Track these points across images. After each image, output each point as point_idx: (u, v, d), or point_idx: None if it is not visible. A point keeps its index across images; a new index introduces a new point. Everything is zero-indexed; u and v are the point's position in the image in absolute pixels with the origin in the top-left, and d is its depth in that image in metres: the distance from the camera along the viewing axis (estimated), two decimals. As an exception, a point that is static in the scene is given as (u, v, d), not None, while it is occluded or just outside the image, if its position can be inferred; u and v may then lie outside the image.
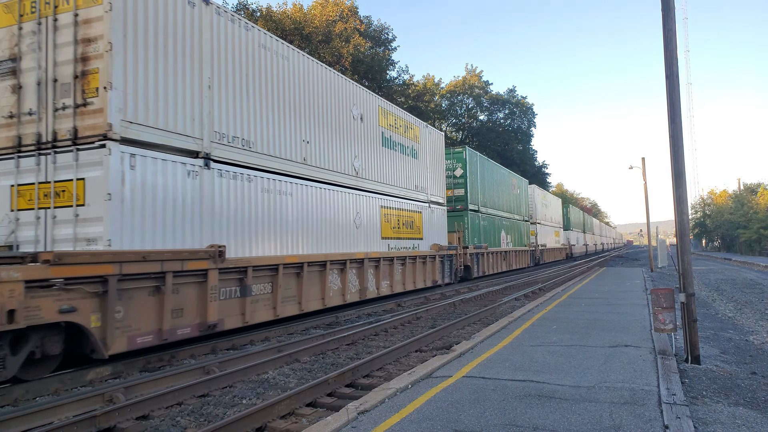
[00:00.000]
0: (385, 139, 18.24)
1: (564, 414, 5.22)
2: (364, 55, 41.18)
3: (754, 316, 13.77)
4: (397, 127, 19.24)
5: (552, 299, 15.56)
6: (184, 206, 9.88)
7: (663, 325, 8.11)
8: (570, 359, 7.56)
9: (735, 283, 24.03)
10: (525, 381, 6.44)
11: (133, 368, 8.39)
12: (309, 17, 40.44)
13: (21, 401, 6.75)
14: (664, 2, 8.24)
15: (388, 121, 18.53)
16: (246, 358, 8.75)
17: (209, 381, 7.19)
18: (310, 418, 6.00)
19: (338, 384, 7.17)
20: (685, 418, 5.06)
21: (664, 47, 8.23)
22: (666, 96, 8.21)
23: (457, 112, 66.30)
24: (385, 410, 5.45)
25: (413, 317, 13.65)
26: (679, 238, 8.14)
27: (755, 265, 39.09)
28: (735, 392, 6.31)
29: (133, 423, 5.91)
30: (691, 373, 7.12)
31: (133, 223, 8.88)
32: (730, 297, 18.27)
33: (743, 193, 71.99)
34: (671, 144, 8.15)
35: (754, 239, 61.43)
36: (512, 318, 11.68)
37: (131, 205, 8.86)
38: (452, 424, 5.00)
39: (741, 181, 75.91)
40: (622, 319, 11.38)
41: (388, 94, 43.50)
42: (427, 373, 6.87)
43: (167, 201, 9.55)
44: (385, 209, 17.78)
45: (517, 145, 68.73)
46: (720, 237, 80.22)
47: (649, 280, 23.22)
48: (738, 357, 8.61)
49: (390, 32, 47.35)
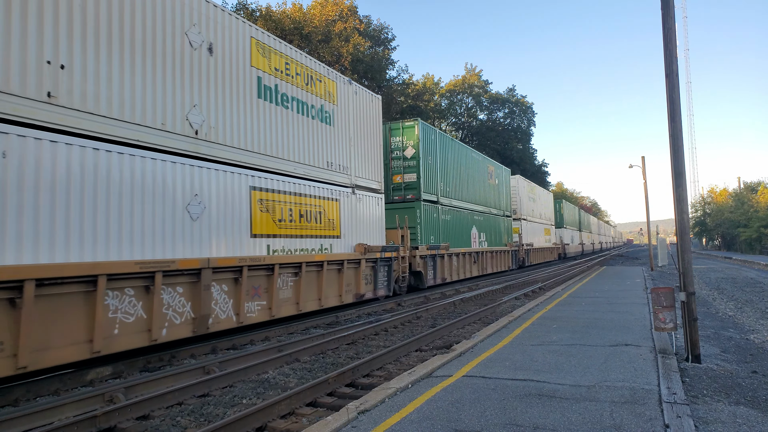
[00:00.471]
0: (266, 89, 12.33)
1: (564, 413, 5.21)
2: (364, 55, 41.16)
3: (754, 314, 13.76)
4: (290, 74, 13.26)
5: (552, 298, 15.56)
6: None
7: (663, 324, 8.10)
8: (570, 358, 7.56)
9: (735, 281, 24.02)
10: (525, 380, 6.44)
11: (133, 368, 8.39)
12: (308, 17, 40.41)
13: (21, 401, 6.75)
14: (663, 1, 8.23)
15: (273, 64, 12.65)
16: (246, 357, 8.75)
17: (209, 381, 7.19)
18: (310, 417, 6.00)
19: (338, 383, 7.17)
20: (686, 417, 5.05)
21: (664, 46, 8.22)
22: (666, 95, 8.21)
23: (456, 111, 66.40)
24: (386, 410, 5.45)
25: (413, 316, 13.65)
26: (680, 236, 8.13)
27: (756, 263, 39.07)
28: (736, 391, 6.30)
29: (134, 423, 5.91)
30: (692, 372, 7.11)
31: None
32: (731, 296, 18.25)
33: (743, 192, 71.93)
34: (671, 143, 8.14)
35: (755, 238, 61.39)
36: (512, 317, 11.68)
37: None
38: (452, 424, 5.00)
39: (741, 179, 75.90)
40: (622, 318, 11.38)
41: (388, 93, 43.50)
42: (428, 372, 6.87)
43: None
44: (261, 193, 11.81)
45: (517, 144, 68.86)
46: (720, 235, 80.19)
47: (650, 279, 23.22)
48: (739, 356, 8.61)
49: (389, 32, 47.36)
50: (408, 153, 21.34)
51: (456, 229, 24.76)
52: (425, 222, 21.28)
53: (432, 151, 22.46)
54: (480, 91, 66.40)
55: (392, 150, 21.22)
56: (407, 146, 21.31)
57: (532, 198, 42.28)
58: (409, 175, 21.21)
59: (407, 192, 21.16)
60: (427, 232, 21.44)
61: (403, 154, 21.37)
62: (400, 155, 21.39)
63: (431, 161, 22.34)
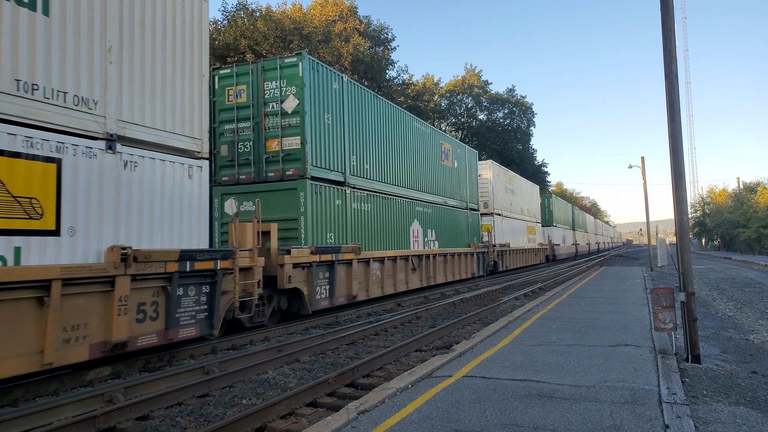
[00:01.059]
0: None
1: (564, 414, 5.21)
2: (364, 55, 41.18)
3: (754, 315, 13.77)
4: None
5: (552, 298, 15.57)
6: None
7: (663, 325, 8.11)
8: (570, 358, 7.56)
9: (735, 282, 24.03)
10: (525, 380, 6.44)
11: (132, 368, 8.39)
12: (308, 17, 40.44)
13: (21, 401, 6.74)
14: (663, 2, 8.23)
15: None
16: (246, 358, 8.75)
17: (209, 381, 7.19)
18: (310, 418, 5.99)
19: (338, 384, 7.17)
20: (686, 418, 5.05)
21: (663, 47, 8.23)
22: (665, 96, 8.21)
23: (456, 111, 66.46)
24: (385, 410, 5.45)
25: (413, 317, 13.65)
26: (679, 237, 8.14)
27: (755, 264, 39.09)
28: (735, 391, 6.30)
29: (133, 423, 5.91)
30: (692, 372, 7.12)
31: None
32: (730, 296, 18.26)
33: (743, 192, 71.99)
34: (671, 143, 8.15)
35: (754, 238, 61.44)
36: (512, 317, 11.68)
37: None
38: (452, 424, 4.99)
39: (740, 180, 75.98)
40: (622, 318, 11.38)
41: (388, 93, 43.52)
42: (427, 372, 6.87)
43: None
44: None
45: (517, 144, 68.91)
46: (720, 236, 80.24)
47: (649, 280, 23.23)
48: (738, 356, 8.61)
49: (389, 32, 47.44)
50: (288, 106, 13.94)
51: (382, 224, 17.60)
52: (316, 211, 14.02)
53: (332, 104, 15.21)
54: (480, 92, 66.46)
55: (265, 102, 14.19)
56: (287, 95, 13.95)
57: (510, 189, 35.96)
58: (290, 139, 13.89)
59: (287, 166, 13.89)
60: (321, 226, 14.24)
61: (281, 107, 13.99)
62: (277, 109, 14.04)
63: (332, 121, 15.06)
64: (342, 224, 15.25)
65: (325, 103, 14.88)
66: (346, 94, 16.03)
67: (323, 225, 14.38)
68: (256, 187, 14.18)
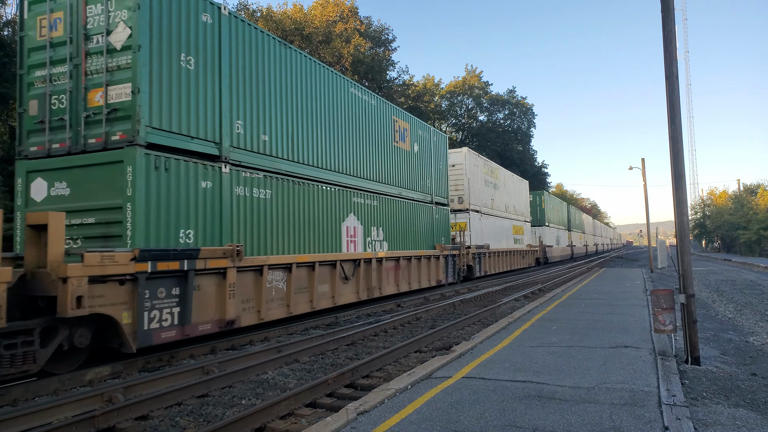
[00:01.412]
0: None
1: (564, 415, 5.21)
2: (364, 56, 41.21)
3: (754, 317, 13.77)
4: None
5: (552, 300, 15.56)
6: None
7: (663, 326, 8.10)
8: (570, 360, 7.56)
9: (735, 284, 24.02)
10: (525, 382, 6.43)
11: (132, 368, 8.38)
12: (309, 17, 40.47)
13: (20, 401, 6.74)
14: (663, 4, 8.24)
15: None
16: (245, 358, 8.75)
17: (208, 381, 7.19)
18: (309, 418, 5.99)
19: (338, 384, 7.16)
20: (685, 420, 5.05)
21: (664, 49, 8.23)
22: (666, 97, 8.21)
23: (456, 112, 66.47)
24: (385, 411, 5.45)
25: (413, 318, 13.65)
26: (679, 238, 8.14)
27: (755, 266, 39.08)
28: (735, 393, 6.30)
29: (133, 423, 5.91)
30: (691, 374, 7.11)
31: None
32: (730, 298, 18.26)
33: (743, 194, 72.01)
34: (671, 145, 8.15)
35: (754, 240, 61.42)
36: (512, 318, 11.68)
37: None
38: (452, 425, 4.99)
39: (741, 181, 76.00)
40: (621, 319, 11.38)
41: (388, 94, 43.53)
42: (427, 373, 6.87)
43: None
44: None
45: (517, 145, 68.93)
46: (720, 238, 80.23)
47: (649, 281, 23.22)
48: (738, 358, 8.61)
49: (390, 33, 47.48)
50: (117, 38, 9.47)
51: (292, 218, 13.06)
52: (160, 197, 9.50)
53: (199, 44, 10.64)
54: (480, 93, 66.48)
55: (87, 35, 9.70)
56: (116, 23, 9.51)
57: (492, 183, 30.93)
58: (118, 87, 9.43)
59: (114, 128, 9.42)
60: (169, 220, 9.66)
61: (106, 40, 9.54)
62: (102, 45, 9.56)
63: (195, 67, 10.49)
64: (213, 218, 10.62)
65: (185, 39, 10.27)
66: (229, 34, 11.35)
67: (173, 218, 9.74)
68: (72, 161, 9.66)
